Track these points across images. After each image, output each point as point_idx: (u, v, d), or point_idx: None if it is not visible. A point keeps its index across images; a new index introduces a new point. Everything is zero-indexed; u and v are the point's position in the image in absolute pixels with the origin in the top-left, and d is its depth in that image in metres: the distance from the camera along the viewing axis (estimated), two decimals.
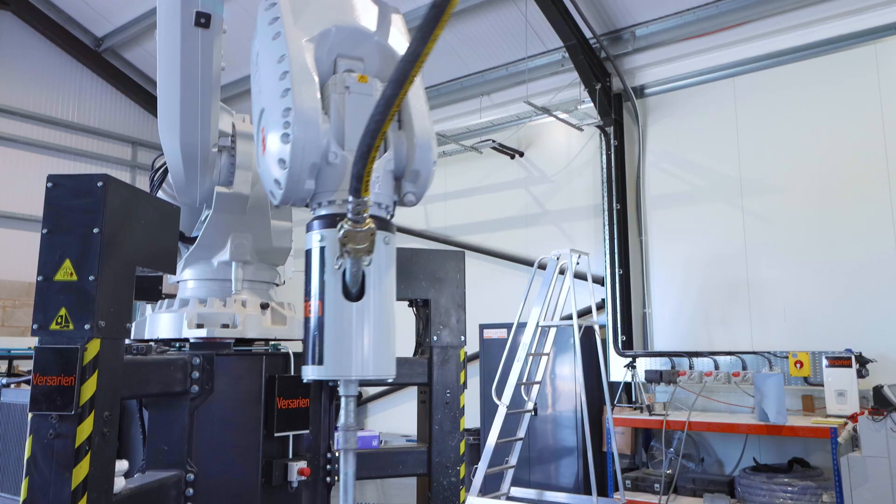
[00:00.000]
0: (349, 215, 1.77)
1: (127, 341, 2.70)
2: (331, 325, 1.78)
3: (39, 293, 2.38)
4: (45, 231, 2.43)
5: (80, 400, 2.30)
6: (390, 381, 1.86)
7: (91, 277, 2.37)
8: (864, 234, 6.64)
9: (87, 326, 2.34)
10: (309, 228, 2.00)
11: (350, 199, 1.74)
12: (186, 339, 3.33)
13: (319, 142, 1.95)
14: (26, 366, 7.60)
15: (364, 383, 1.91)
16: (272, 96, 2.00)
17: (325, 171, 1.98)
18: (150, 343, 3.48)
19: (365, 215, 1.76)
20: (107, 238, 2.42)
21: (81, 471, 2.28)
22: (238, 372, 3.28)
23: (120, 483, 2.61)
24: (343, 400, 1.87)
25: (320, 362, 1.78)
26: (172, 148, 3.31)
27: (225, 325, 3.38)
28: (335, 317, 1.79)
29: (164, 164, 3.54)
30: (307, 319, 1.86)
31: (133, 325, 3.50)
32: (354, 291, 1.84)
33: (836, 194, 6.85)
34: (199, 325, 3.32)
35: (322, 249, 1.87)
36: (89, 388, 2.32)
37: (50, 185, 2.47)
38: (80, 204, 2.44)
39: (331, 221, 1.90)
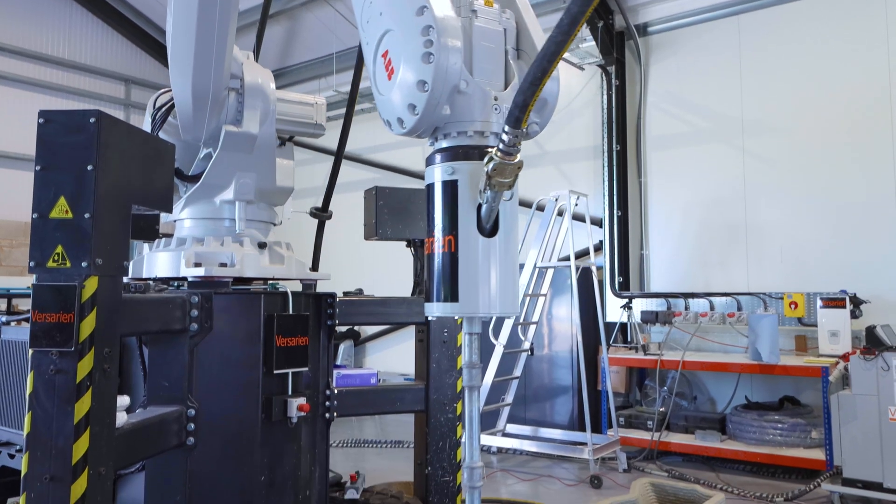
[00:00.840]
0: (501, 147, 1.69)
1: (125, 280, 2.70)
2: (464, 262, 1.70)
3: (35, 231, 2.37)
4: (38, 168, 2.41)
5: (79, 337, 2.31)
6: (499, 314, 1.78)
7: (87, 215, 2.35)
8: (865, 175, 6.61)
9: (84, 264, 2.33)
10: (431, 161, 1.91)
11: (506, 129, 1.65)
12: (184, 278, 3.33)
13: (460, 63, 1.83)
14: (25, 305, 7.64)
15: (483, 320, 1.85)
16: (405, 15, 1.83)
17: (456, 100, 1.85)
18: (149, 282, 3.49)
19: (518, 147, 1.68)
20: (101, 175, 2.39)
21: (83, 405, 2.31)
22: (237, 310, 3.30)
23: (122, 418, 2.65)
24: (468, 337, 1.82)
25: (453, 299, 1.71)
26: (183, 89, 3.25)
27: (223, 265, 3.38)
28: (469, 253, 1.72)
29: (167, 102, 3.47)
30: (430, 255, 1.80)
31: (130, 264, 3.50)
32: (488, 227, 1.77)
33: (838, 135, 6.78)
34: (197, 265, 3.32)
35: (455, 183, 1.77)
36: (88, 325, 2.33)
37: (42, 120, 2.43)
38: (74, 140, 2.40)
39: (465, 153, 1.81)
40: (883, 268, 6.43)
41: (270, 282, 3.68)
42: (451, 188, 1.78)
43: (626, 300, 7.34)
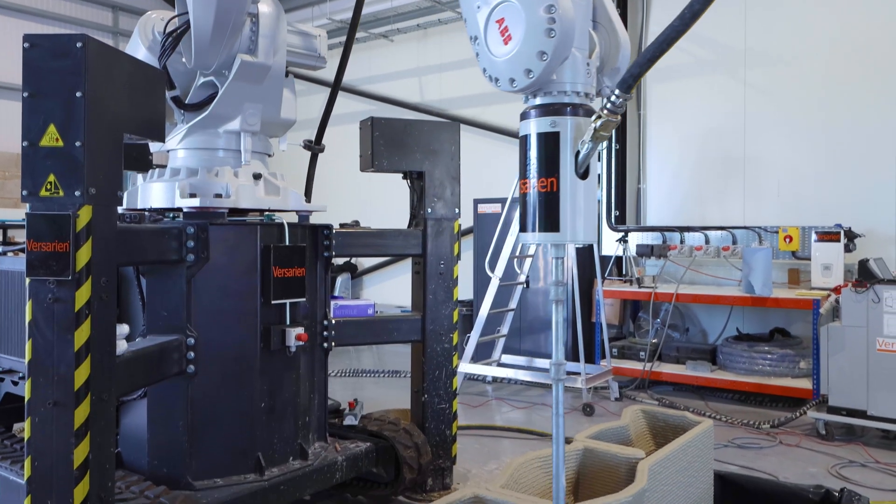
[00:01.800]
0: (609, 107, 2.00)
1: (119, 210, 2.69)
2: (564, 199, 2.08)
3: (26, 159, 2.34)
4: (26, 95, 2.36)
5: (76, 266, 2.32)
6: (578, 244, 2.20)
7: (77, 143, 2.32)
8: (865, 109, 6.53)
9: (77, 193, 2.32)
10: (528, 116, 2.19)
11: (617, 93, 1.98)
12: (179, 209, 3.32)
13: (575, 37, 2.12)
14: (22, 236, 7.62)
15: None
16: None
17: (563, 65, 2.14)
18: (144, 212, 3.48)
19: (622, 109, 2.01)
20: (91, 102, 2.35)
21: (83, 334, 2.34)
22: (233, 241, 3.30)
23: (122, 346, 2.69)
24: (555, 261, 2.23)
25: (551, 230, 2.10)
26: (206, 12, 3.17)
27: (218, 195, 3.36)
28: (570, 191, 2.08)
29: (178, 27, 3.37)
30: (526, 195, 2.16)
31: (125, 194, 3.48)
32: (582, 171, 2.10)
33: (841, 68, 6.66)
34: (192, 195, 3.30)
35: (557, 134, 2.09)
36: (84, 255, 2.33)
37: (27, 45, 2.36)
38: (61, 66, 2.34)
39: (567, 110, 2.12)
40: (879, 202, 6.43)
41: (266, 213, 3.67)
42: (553, 138, 2.10)
43: (622, 234, 7.35)
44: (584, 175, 2.12)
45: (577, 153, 2.10)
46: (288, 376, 3.50)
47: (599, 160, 7.76)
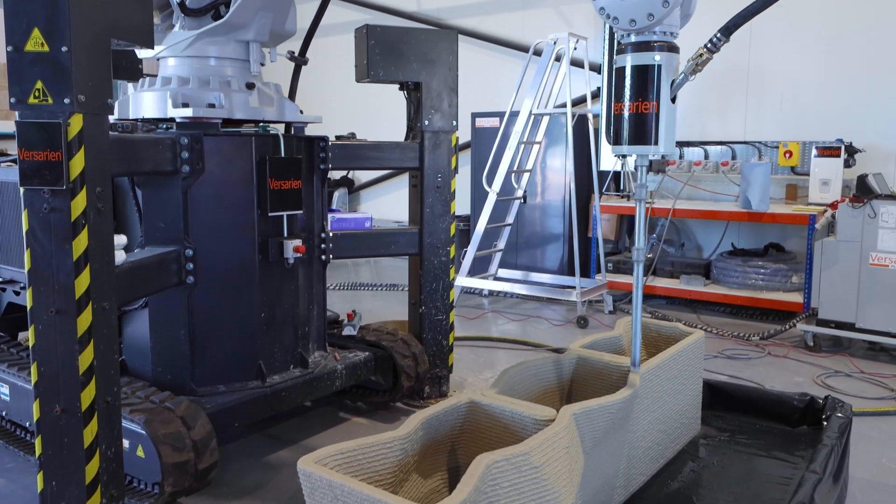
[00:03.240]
0: (709, 46, 2.44)
1: (111, 119, 2.64)
2: (662, 119, 2.51)
3: (11, 64, 2.28)
4: None
5: (70, 175, 2.30)
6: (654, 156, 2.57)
7: (64, 48, 2.25)
8: (872, 21, 6.33)
9: (66, 100, 2.27)
10: (625, 51, 2.52)
11: (718, 35, 2.42)
12: (172, 119, 3.26)
13: None
14: (14, 148, 7.52)
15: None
16: None
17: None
18: (136, 122, 3.42)
19: (719, 50, 2.45)
20: (75, 4, 2.26)
21: (81, 243, 2.34)
22: (228, 153, 3.26)
23: (120, 256, 2.70)
24: (640, 169, 2.61)
25: (644, 143, 2.53)
26: None
27: (211, 105, 3.30)
28: (665, 113, 2.51)
29: None
30: (620, 115, 2.56)
31: (116, 104, 3.41)
32: (672, 97, 2.50)
33: None
34: (185, 105, 3.24)
35: (659, 66, 2.47)
36: (78, 164, 2.31)
37: None
38: None
39: (668, 47, 2.49)
40: (882, 116, 6.33)
41: (261, 124, 3.62)
42: (653, 70, 2.49)
43: None
44: (673, 100, 2.54)
45: (672, 82, 2.50)
46: (287, 288, 3.54)
47: (600, 73, 7.58)
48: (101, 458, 2.46)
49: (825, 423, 3.13)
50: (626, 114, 2.57)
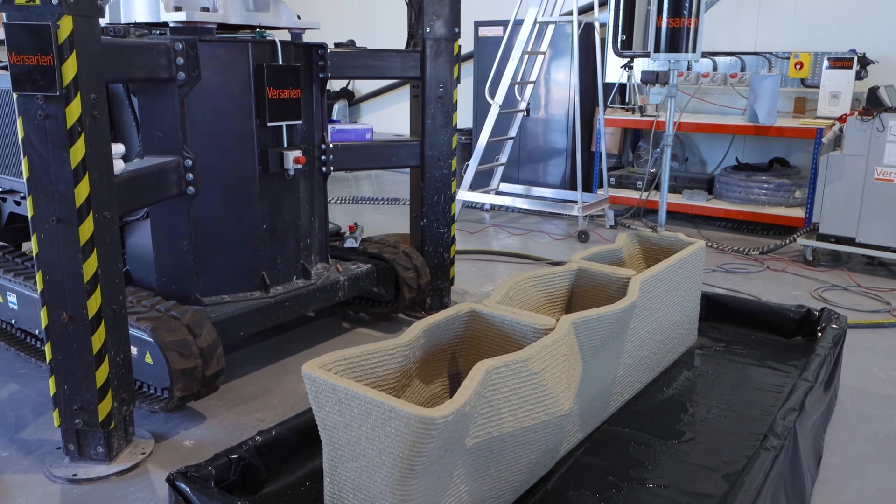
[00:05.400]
0: None
1: (102, 23, 2.55)
2: (693, 32, 2.80)
3: None
4: None
5: (62, 81, 2.24)
6: None
7: None
8: None
9: (54, 1, 2.19)
10: None
11: None
12: (165, 24, 3.16)
13: None
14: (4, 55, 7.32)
15: None
16: None
17: None
18: (128, 27, 3.31)
19: None
20: None
21: (78, 151, 2.31)
22: (224, 60, 3.18)
23: (119, 165, 2.67)
24: (673, 71, 2.84)
25: (679, 51, 2.92)
26: None
27: (204, 9, 3.19)
28: (699, 26, 2.86)
29: None
30: (659, 28, 2.92)
31: (106, 7, 3.29)
32: (704, 13, 2.72)
33: None
34: (177, 8, 3.13)
35: None
36: (70, 69, 2.25)
37: None
38: None
39: None
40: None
41: (257, 30, 3.50)
42: None
43: (628, 59, 7.07)
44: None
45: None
46: (288, 199, 3.52)
47: None
48: (111, 364, 2.52)
49: (819, 334, 3.18)
50: (663, 27, 2.89)
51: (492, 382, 1.90)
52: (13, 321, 3.52)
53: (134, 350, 2.79)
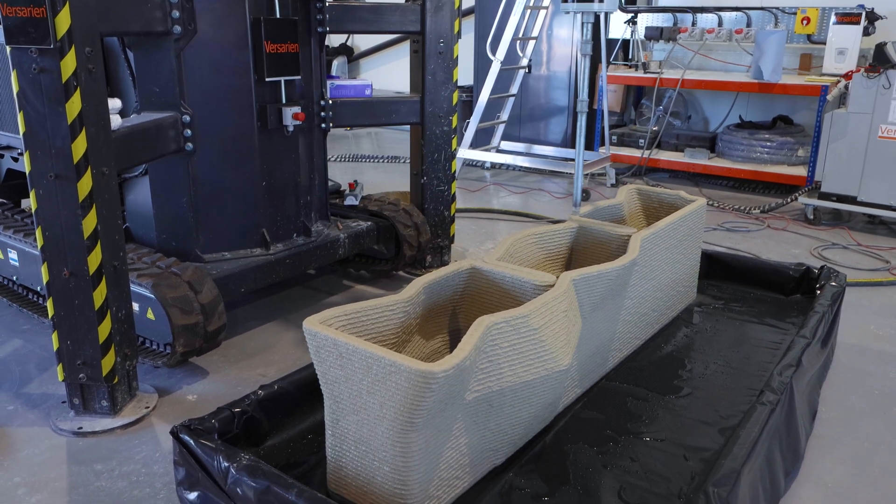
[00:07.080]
0: None
1: None
2: None
3: None
4: None
5: (56, 34, 2.20)
6: None
7: None
8: None
9: None
10: None
11: None
12: None
13: None
14: None
15: None
16: None
17: None
18: None
19: None
20: None
21: (74, 106, 2.29)
22: (220, 12, 3.12)
23: (116, 121, 2.65)
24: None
25: None
26: None
27: None
28: None
29: None
30: None
31: None
32: None
33: None
34: None
35: None
36: (64, 21, 2.21)
37: None
38: None
39: None
40: None
41: None
42: None
43: (632, 14, 6.96)
44: None
45: None
46: (287, 156, 3.50)
47: None
48: (113, 319, 2.53)
49: (818, 292, 3.19)
50: None
51: (492, 338, 1.92)
52: (14, 278, 3.53)
53: (136, 306, 2.81)
